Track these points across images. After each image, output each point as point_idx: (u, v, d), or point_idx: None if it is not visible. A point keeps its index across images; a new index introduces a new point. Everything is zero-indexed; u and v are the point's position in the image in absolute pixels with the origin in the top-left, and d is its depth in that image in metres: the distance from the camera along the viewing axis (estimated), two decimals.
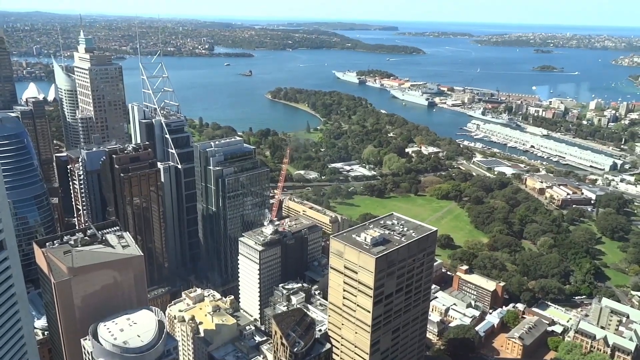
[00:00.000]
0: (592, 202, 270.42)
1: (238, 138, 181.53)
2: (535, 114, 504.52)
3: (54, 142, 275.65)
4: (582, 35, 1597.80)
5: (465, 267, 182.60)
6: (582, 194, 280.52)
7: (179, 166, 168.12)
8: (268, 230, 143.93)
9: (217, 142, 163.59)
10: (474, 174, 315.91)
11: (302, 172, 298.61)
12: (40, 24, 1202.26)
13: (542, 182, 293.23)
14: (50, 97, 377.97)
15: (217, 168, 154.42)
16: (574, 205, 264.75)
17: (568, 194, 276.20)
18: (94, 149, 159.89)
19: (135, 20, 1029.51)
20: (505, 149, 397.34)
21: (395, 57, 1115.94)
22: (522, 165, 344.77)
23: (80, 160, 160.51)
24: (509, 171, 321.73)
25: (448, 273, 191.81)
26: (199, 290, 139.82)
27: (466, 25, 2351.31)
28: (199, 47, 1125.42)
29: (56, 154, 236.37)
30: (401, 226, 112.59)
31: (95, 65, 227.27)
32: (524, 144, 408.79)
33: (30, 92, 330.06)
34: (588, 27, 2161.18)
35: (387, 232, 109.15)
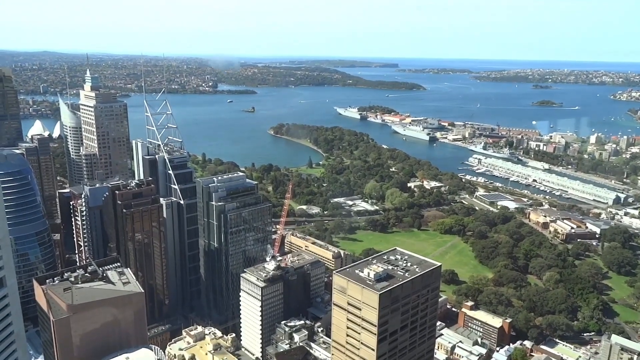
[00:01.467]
0: (597, 236, 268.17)
1: (241, 173, 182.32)
2: (536, 149, 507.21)
3: (58, 178, 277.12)
4: (580, 71, 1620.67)
5: (470, 303, 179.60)
6: (587, 228, 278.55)
7: (182, 202, 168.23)
8: (270, 266, 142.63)
9: (219, 178, 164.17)
10: (477, 208, 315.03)
11: (304, 207, 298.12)
12: (48, 63, 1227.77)
13: (545, 216, 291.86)
14: (56, 134, 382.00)
15: (220, 203, 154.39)
16: (578, 240, 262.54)
17: (572, 228, 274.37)
18: (97, 185, 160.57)
19: (141, 59, 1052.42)
20: (507, 183, 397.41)
21: (396, 93, 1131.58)
22: (525, 200, 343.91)
23: (83, 196, 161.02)
24: (511, 205, 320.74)
25: (453, 309, 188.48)
26: (199, 328, 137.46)
27: (465, 62, 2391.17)
28: (203, 84, 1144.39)
29: (59, 190, 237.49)
30: (405, 261, 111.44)
31: (101, 102, 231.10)
32: (526, 178, 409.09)
33: (36, 129, 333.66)
34: (585, 63, 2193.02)
35: (390, 267, 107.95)
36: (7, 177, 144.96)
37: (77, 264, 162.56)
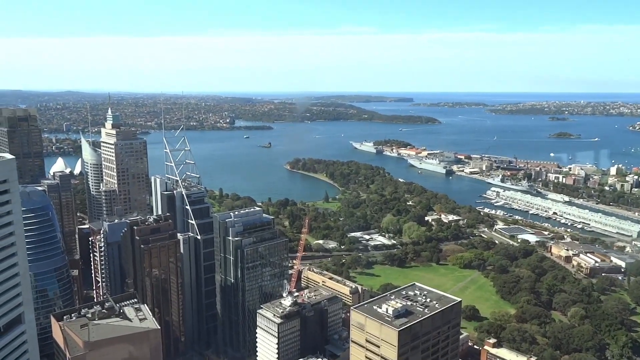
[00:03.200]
0: (622, 270, 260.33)
1: (257, 208, 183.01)
2: (555, 181, 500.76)
3: (78, 214, 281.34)
4: (596, 103, 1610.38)
5: (492, 340, 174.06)
6: (611, 261, 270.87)
7: (199, 237, 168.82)
8: (287, 302, 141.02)
9: (236, 213, 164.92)
10: (497, 241, 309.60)
11: (321, 241, 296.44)
12: (72, 103, 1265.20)
13: (568, 249, 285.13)
14: (77, 171, 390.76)
15: (236, 238, 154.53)
16: (603, 274, 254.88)
17: (596, 261, 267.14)
18: (116, 221, 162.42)
19: (161, 97, 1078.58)
20: (527, 216, 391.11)
21: (411, 127, 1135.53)
22: (546, 233, 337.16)
23: (101, 232, 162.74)
24: (532, 239, 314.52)
25: (475, 347, 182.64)
26: None
27: (480, 95, 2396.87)
28: (221, 121, 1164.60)
29: (79, 226, 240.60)
30: (424, 297, 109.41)
31: (121, 140, 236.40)
32: (546, 211, 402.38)
33: (58, 166, 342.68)
34: (602, 94, 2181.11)
35: (409, 303, 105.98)
36: (29, 214, 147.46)
37: (95, 299, 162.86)
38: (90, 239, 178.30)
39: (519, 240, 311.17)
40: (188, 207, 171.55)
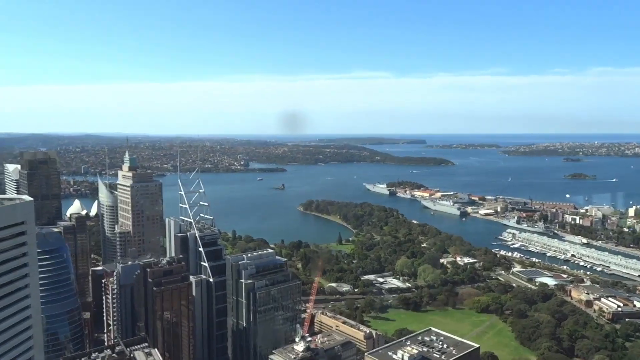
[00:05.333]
0: None
1: (270, 250, 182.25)
2: (572, 222, 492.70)
3: (92, 255, 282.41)
4: (611, 143, 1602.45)
5: None
6: (634, 306, 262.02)
7: (211, 279, 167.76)
8: (299, 347, 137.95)
9: (249, 255, 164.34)
10: (514, 285, 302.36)
11: (334, 284, 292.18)
12: (90, 146, 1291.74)
13: (588, 293, 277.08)
14: (93, 213, 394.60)
15: (249, 281, 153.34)
16: (626, 319, 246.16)
17: (619, 306, 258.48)
18: (129, 263, 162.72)
19: (177, 140, 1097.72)
20: (544, 258, 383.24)
21: (423, 168, 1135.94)
22: (565, 276, 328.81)
23: (114, 274, 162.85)
24: (551, 282, 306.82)
25: None
26: None
27: (493, 137, 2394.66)
28: (235, 163, 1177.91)
29: (92, 268, 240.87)
30: (440, 342, 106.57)
31: (137, 182, 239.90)
32: (564, 253, 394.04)
33: (75, 208, 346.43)
34: (616, 135, 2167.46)
35: (425, 349, 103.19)
36: (44, 255, 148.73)
37: (105, 343, 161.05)
38: (103, 281, 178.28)
39: (537, 284, 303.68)
40: (201, 249, 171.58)
